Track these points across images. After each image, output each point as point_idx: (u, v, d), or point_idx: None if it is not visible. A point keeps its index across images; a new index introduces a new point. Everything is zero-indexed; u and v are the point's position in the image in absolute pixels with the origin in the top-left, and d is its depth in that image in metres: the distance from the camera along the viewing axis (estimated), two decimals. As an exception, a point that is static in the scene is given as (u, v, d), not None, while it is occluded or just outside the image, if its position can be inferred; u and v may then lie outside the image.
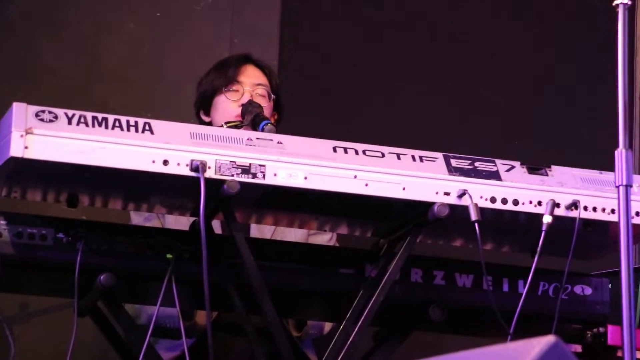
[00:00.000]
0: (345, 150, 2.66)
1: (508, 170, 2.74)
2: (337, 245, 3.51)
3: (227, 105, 3.41)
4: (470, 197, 2.65)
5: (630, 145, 2.43)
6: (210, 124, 3.43)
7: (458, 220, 2.67)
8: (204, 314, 3.23)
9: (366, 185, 2.63)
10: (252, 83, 3.45)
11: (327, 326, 3.46)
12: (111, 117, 2.54)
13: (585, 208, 2.73)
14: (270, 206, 2.73)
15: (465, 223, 2.64)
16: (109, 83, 4.06)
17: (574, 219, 2.72)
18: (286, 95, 4.15)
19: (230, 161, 2.56)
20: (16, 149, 2.45)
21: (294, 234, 3.37)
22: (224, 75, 3.44)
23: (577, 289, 2.96)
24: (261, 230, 3.35)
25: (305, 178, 2.60)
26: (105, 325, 2.81)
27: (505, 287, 2.91)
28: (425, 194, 2.66)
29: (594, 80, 4.32)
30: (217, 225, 3.09)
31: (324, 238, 3.46)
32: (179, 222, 3.17)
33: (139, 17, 4.14)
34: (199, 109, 3.51)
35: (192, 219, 2.76)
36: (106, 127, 2.52)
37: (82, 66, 4.05)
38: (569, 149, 4.38)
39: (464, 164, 2.72)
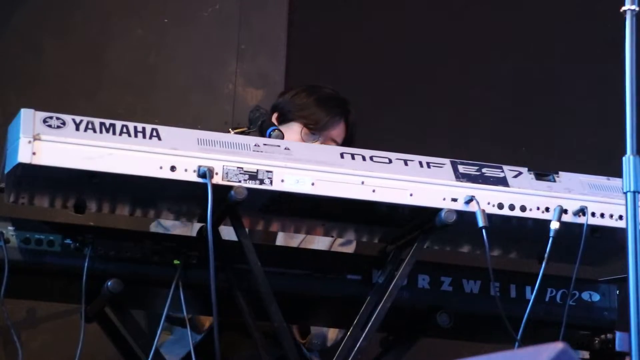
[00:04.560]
0: (353, 156, 2.66)
1: (515, 177, 2.74)
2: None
3: (297, 138, 3.40)
4: (478, 203, 2.65)
5: (638, 151, 2.43)
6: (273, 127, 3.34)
7: (465, 226, 2.67)
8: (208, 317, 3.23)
9: (373, 191, 2.63)
10: (331, 137, 3.46)
11: (331, 333, 3.46)
12: (119, 123, 2.54)
13: (593, 214, 2.73)
14: (278, 212, 2.73)
15: (472, 229, 2.64)
16: (116, 89, 4.07)
17: (581, 225, 2.72)
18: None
19: (238, 167, 2.56)
20: (24, 155, 2.45)
21: (317, 245, 3.37)
22: (318, 117, 3.43)
23: (585, 295, 2.96)
24: (288, 240, 3.35)
25: (313, 184, 2.60)
26: (112, 331, 2.82)
27: (513, 294, 2.91)
28: (433, 200, 2.66)
29: (602, 85, 4.31)
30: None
31: (349, 249, 3.46)
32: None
33: (147, 24, 4.14)
34: (276, 113, 3.48)
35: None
36: (114, 133, 2.52)
37: (90, 72, 4.06)
38: (576, 155, 4.38)
39: (471, 170, 2.72)
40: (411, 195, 2.65)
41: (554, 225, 2.67)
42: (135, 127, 2.55)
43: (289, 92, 3.55)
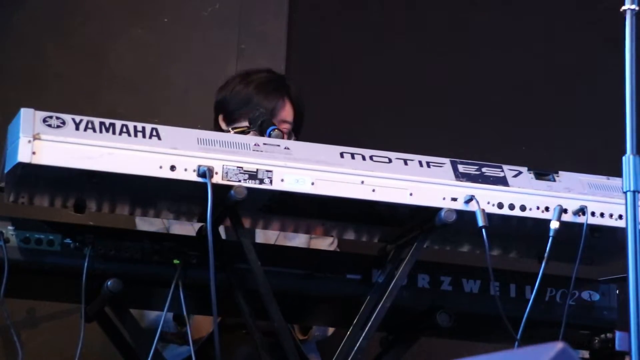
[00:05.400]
0: (352, 155, 2.66)
1: (515, 176, 2.74)
2: (337, 249, 3.51)
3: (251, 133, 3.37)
4: (478, 202, 2.65)
5: (638, 150, 2.43)
6: (226, 132, 3.39)
7: (465, 226, 2.67)
8: (199, 324, 3.23)
9: (373, 190, 2.63)
10: (281, 120, 3.43)
11: (331, 328, 3.46)
12: (118, 123, 2.54)
13: (593, 214, 2.73)
14: (277, 212, 2.73)
15: (472, 229, 2.64)
16: (116, 89, 4.07)
17: (581, 224, 2.72)
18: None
19: (238, 167, 2.56)
20: (24, 155, 2.45)
21: (297, 239, 3.37)
22: (263, 108, 3.35)
23: (585, 295, 2.96)
24: (266, 235, 3.35)
25: (312, 184, 2.60)
26: (112, 330, 2.82)
27: (513, 293, 2.91)
28: (433, 199, 2.66)
29: (602, 85, 4.31)
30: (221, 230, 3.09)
31: (325, 242, 3.46)
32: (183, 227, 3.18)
33: (147, 23, 4.14)
34: (221, 114, 3.48)
35: (197, 225, 2.76)
36: (113, 132, 2.52)
37: (90, 72, 4.06)
38: (576, 154, 4.37)
39: (471, 169, 2.72)
40: (411, 194, 2.65)
41: (554, 224, 2.67)
42: (135, 127, 2.55)
43: (226, 89, 3.50)
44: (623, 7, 2.48)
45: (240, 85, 3.48)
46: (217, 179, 2.54)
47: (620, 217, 2.73)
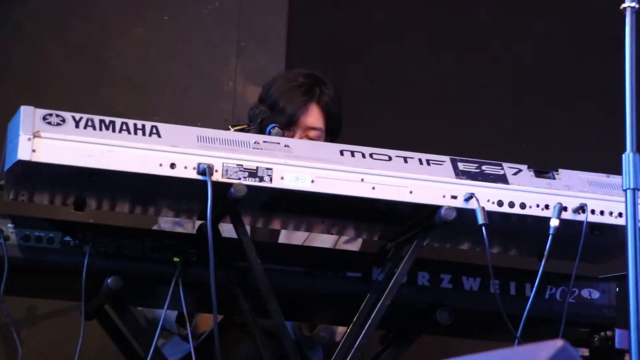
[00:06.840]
0: (352, 153, 2.66)
1: (515, 174, 2.74)
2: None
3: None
4: (477, 200, 2.65)
5: (638, 148, 2.43)
6: None
7: (465, 223, 2.67)
8: (205, 318, 3.23)
9: (373, 188, 2.63)
10: (306, 126, 3.35)
11: (340, 327, 3.45)
12: (118, 121, 2.54)
13: (593, 211, 2.73)
14: (277, 209, 2.73)
15: (472, 226, 2.64)
16: (116, 86, 4.07)
17: (581, 222, 2.72)
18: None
19: (237, 164, 2.56)
20: (24, 153, 2.45)
21: (321, 243, 3.35)
22: (286, 114, 3.32)
23: (584, 293, 2.96)
24: (290, 239, 3.34)
25: (312, 181, 2.60)
26: (112, 328, 2.82)
27: (513, 291, 2.91)
28: (432, 197, 2.66)
29: (602, 83, 4.31)
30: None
31: (354, 247, 3.44)
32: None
33: (147, 21, 4.14)
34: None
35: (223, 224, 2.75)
36: (113, 130, 2.52)
37: (90, 70, 4.06)
38: (576, 152, 4.38)
39: (471, 167, 2.72)
40: (411, 192, 2.65)
41: (554, 222, 2.67)
42: (135, 125, 2.55)
43: (266, 87, 3.42)
44: (623, 5, 2.48)
45: (274, 87, 3.40)
46: (217, 176, 2.54)
47: (620, 214, 2.73)
